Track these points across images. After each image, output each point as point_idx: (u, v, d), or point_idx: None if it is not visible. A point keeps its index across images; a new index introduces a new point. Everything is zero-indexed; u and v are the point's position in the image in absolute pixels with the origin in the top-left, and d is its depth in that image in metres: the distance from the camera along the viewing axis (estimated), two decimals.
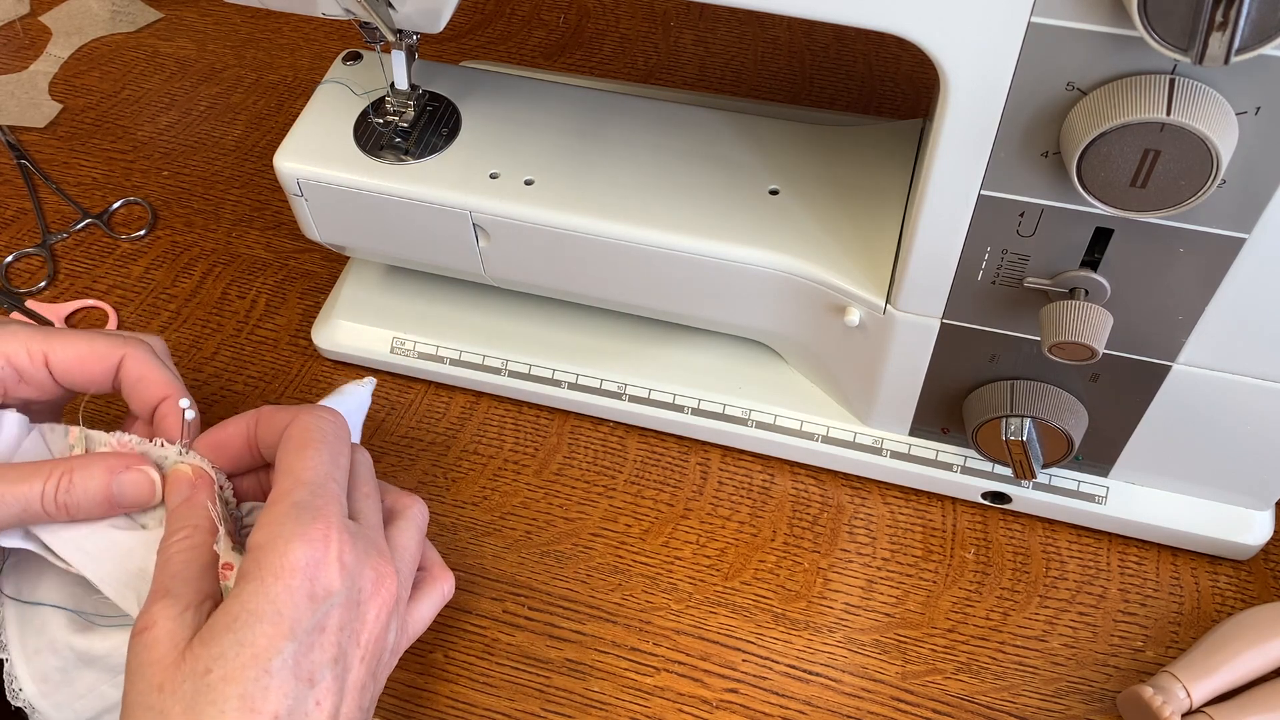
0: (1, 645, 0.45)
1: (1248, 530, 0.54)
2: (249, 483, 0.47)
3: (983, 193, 0.43)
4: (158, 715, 0.36)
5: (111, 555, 0.43)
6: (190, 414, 0.45)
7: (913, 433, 0.56)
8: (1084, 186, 0.39)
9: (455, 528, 0.58)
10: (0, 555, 0.46)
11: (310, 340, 0.64)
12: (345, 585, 0.39)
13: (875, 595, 0.55)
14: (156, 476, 0.43)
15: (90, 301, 0.67)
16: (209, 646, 0.37)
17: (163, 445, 0.44)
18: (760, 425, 0.58)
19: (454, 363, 0.61)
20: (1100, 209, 0.40)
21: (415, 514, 0.47)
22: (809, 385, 0.59)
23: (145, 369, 0.45)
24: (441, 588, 0.48)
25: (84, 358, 0.44)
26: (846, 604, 0.55)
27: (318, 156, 0.55)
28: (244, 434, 0.45)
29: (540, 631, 0.54)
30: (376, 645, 0.41)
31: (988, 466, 0.56)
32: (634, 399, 0.59)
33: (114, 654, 0.44)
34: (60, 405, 0.48)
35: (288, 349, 0.65)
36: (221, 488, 0.45)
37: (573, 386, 0.60)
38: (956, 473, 0.56)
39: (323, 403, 0.49)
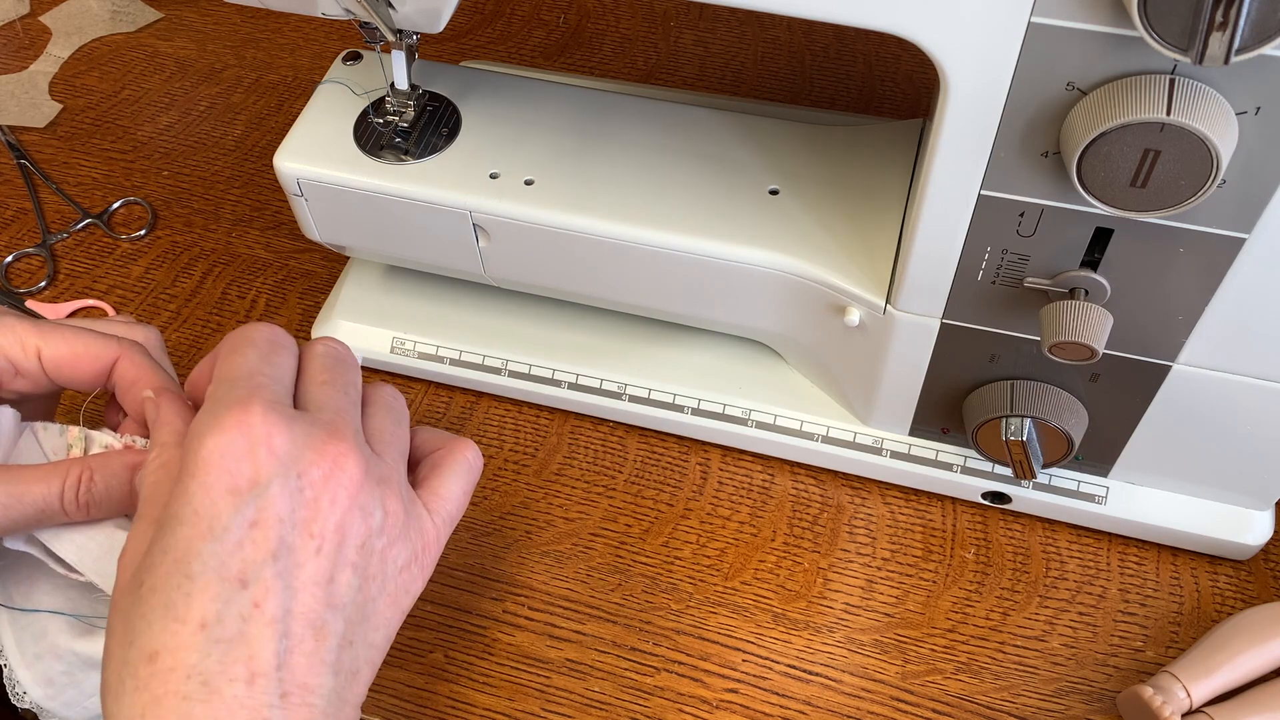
0: None
1: (1248, 530, 0.54)
2: None
3: (983, 193, 0.43)
4: (109, 635, 0.35)
5: (114, 555, 0.43)
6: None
7: (913, 433, 0.56)
8: (1084, 186, 0.39)
9: (455, 528, 0.58)
10: None
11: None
12: (278, 473, 0.35)
13: (875, 595, 0.55)
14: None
15: (90, 301, 0.67)
16: (146, 557, 0.35)
17: None
18: (760, 425, 0.58)
19: (454, 363, 0.61)
20: (1100, 209, 0.40)
21: (389, 400, 0.43)
22: (809, 385, 0.59)
23: (139, 372, 0.44)
24: (465, 456, 0.43)
25: (77, 355, 0.43)
26: (846, 604, 0.55)
27: (318, 156, 0.55)
28: (207, 370, 0.42)
29: (540, 631, 0.54)
30: (339, 534, 0.36)
31: (988, 466, 0.56)
32: (634, 399, 0.59)
33: None
34: (54, 399, 0.48)
35: None
36: None
37: (573, 386, 0.60)
38: (956, 473, 0.56)
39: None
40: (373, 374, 0.64)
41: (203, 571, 0.34)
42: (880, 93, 0.76)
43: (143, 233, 0.71)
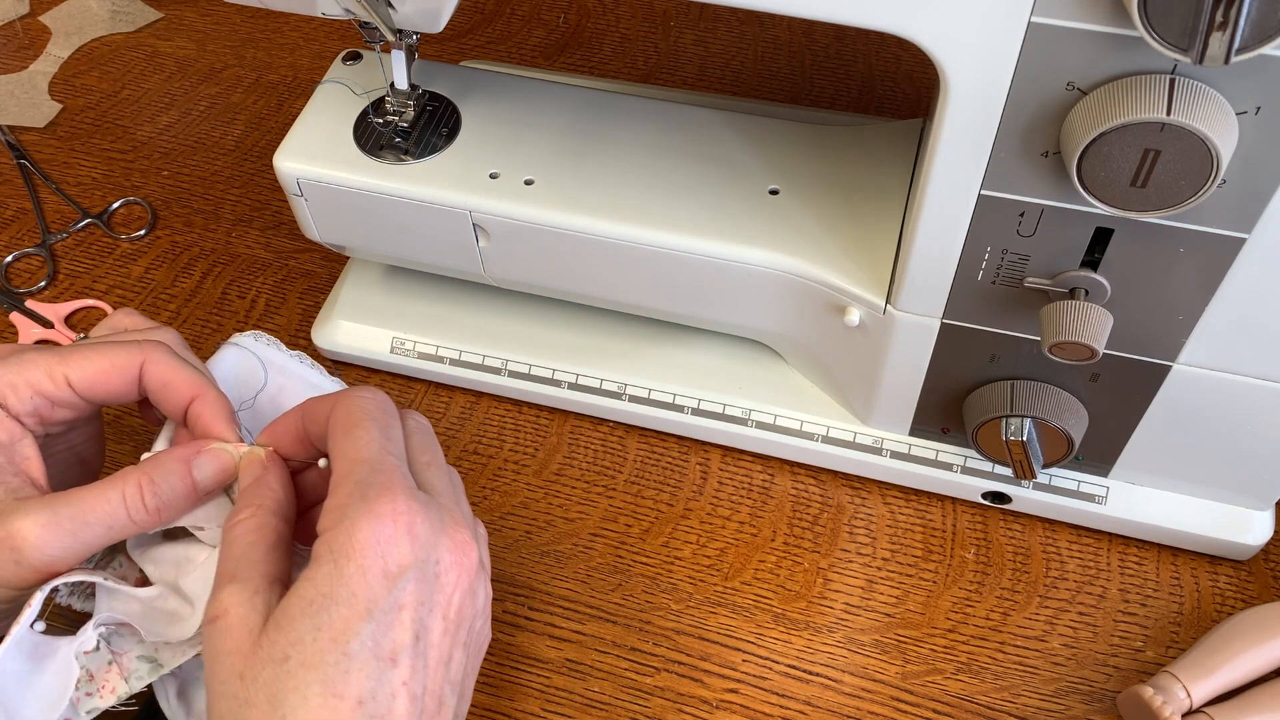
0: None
1: (1248, 530, 0.54)
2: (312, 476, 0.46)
3: (983, 193, 0.43)
4: (242, 704, 0.36)
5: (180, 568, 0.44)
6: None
7: (913, 433, 0.56)
8: (1084, 186, 0.39)
9: None
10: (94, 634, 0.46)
11: (310, 340, 0.64)
12: (419, 558, 0.38)
13: (875, 595, 0.55)
14: (232, 449, 0.43)
15: (90, 301, 0.67)
16: (285, 632, 0.36)
17: (234, 444, 0.44)
18: (760, 425, 0.58)
19: (454, 363, 0.61)
20: (1100, 209, 0.40)
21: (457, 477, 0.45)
22: (809, 385, 0.59)
23: (168, 373, 0.44)
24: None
25: (104, 371, 0.43)
26: (846, 604, 0.55)
27: (318, 156, 0.55)
28: (293, 429, 0.44)
29: (540, 632, 0.54)
30: (459, 616, 0.39)
31: (988, 466, 0.56)
32: (634, 399, 0.59)
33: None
34: (99, 420, 0.48)
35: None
36: None
37: (573, 386, 0.60)
38: (956, 473, 0.56)
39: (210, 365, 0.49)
40: (372, 374, 0.64)
41: (360, 651, 0.36)
42: (880, 93, 0.76)
43: (143, 233, 0.71)
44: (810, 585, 0.55)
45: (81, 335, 0.68)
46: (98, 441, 0.49)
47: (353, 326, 0.63)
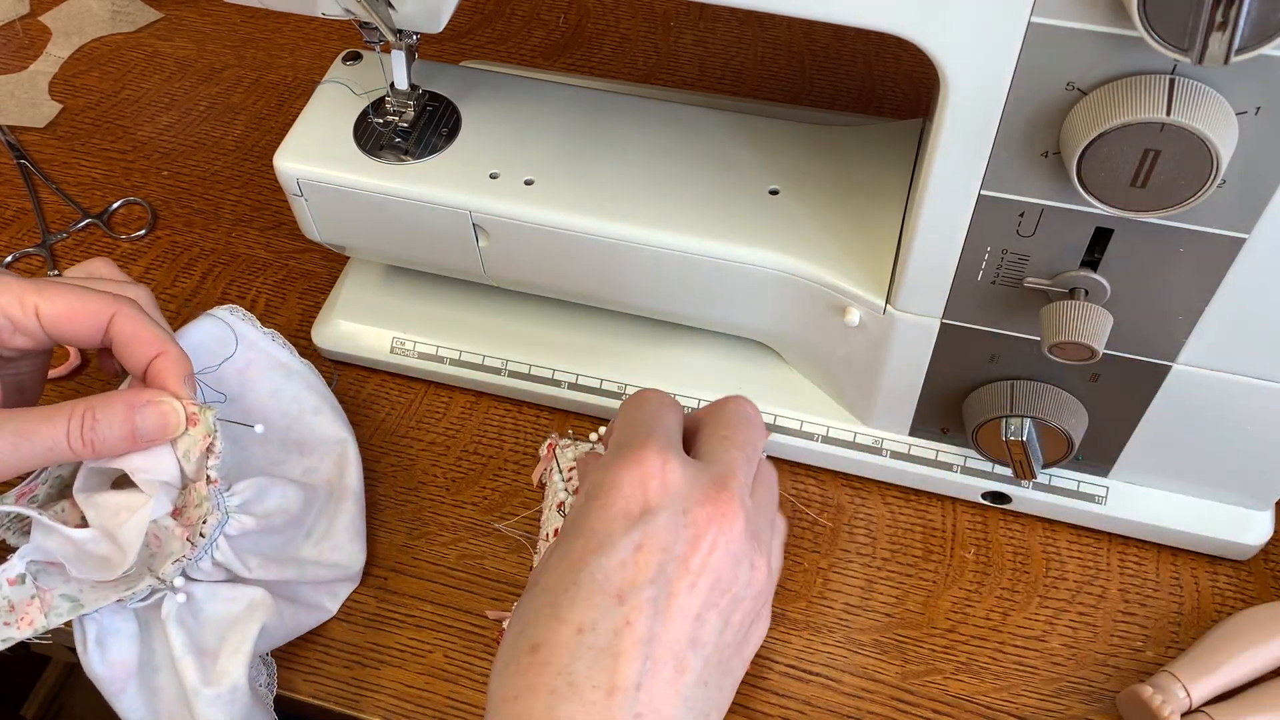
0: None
1: (1248, 530, 0.54)
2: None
3: (983, 193, 0.43)
4: (511, 623, 0.40)
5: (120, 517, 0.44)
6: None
7: (913, 433, 0.56)
8: (1084, 186, 0.39)
9: (455, 527, 0.58)
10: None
11: (310, 340, 0.64)
12: (667, 505, 0.38)
13: (875, 595, 0.55)
14: (179, 407, 0.44)
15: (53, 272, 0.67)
16: (543, 560, 0.40)
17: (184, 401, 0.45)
18: None
19: (454, 363, 0.61)
20: (1100, 209, 0.40)
21: (768, 477, 0.45)
22: (809, 385, 0.59)
23: (137, 327, 0.45)
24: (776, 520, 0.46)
25: (74, 312, 0.45)
26: (846, 604, 0.55)
27: (318, 156, 0.55)
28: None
29: None
30: (712, 576, 0.39)
31: (988, 466, 0.56)
32: None
33: None
34: (48, 357, 0.50)
35: None
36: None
37: (573, 386, 0.60)
38: (956, 473, 0.56)
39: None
40: (372, 374, 0.64)
41: (589, 581, 0.37)
42: (880, 93, 0.76)
43: (143, 233, 0.71)
44: (810, 585, 0.55)
45: (55, 272, 0.68)
46: (41, 374, 0.50)
47: (353, 326, 0.63)
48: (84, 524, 0.45)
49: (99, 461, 0.44)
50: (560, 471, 0.55)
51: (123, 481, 0.46)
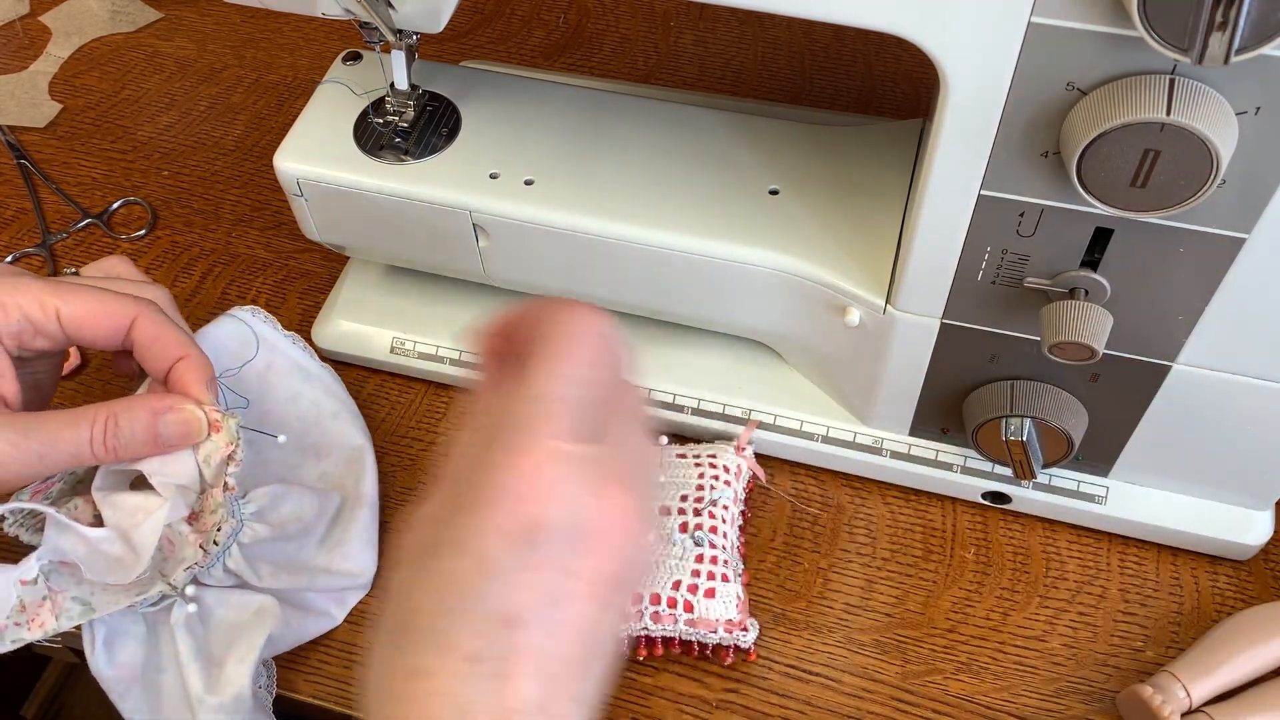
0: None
1: (1248, 530, 0.54)
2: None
3: (983, 193, 0.43)
4: (382, 616, 0.36)
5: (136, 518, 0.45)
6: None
7: (913, 433, 0.56)
8: (1084, 186, 0.39)
9: None
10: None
11: (310, 340, 0.64)
12: (561, 520, 0.35)
13: (875, 595, 0.55)
14: (201, 414, 0.44)
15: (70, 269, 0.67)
16: (418, 577, 0.35)
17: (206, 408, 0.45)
18: (760, 425, 0.58)
19: (454, 363, 0.61)
20: (1100, 209, 0.40)
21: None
22: (809, 385, 0.59)
23: (159, 330, 0.45)
24: None
25: (95, 315, 0.45)
26: (846, 604, 0.55)
27: (318, 156, 0.55)
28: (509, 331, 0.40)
29: None
30: (610, 581, 0.36)
31: (988, 466, 0.56)
32: None
33: None
34: (63, 358, 0.50)
35: None
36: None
37: None
38: (956, 473, 0.56)
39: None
40: (372, 374, 0.64)
41: (474, 607, 0.34)
42: (880, 93, 0.76)
43: (143, 233, 0.71)
44: (810, 585, 0.55)
45: (72, 270, 0.68)
46: (56, 373, 0.50)
47: (353, 326, 0.63)
48: (98, 522, 0.45)
49: (120, 464, 0.45)
50: None
51: (141, 482, 0.46)
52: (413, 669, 0.34)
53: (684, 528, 0.52)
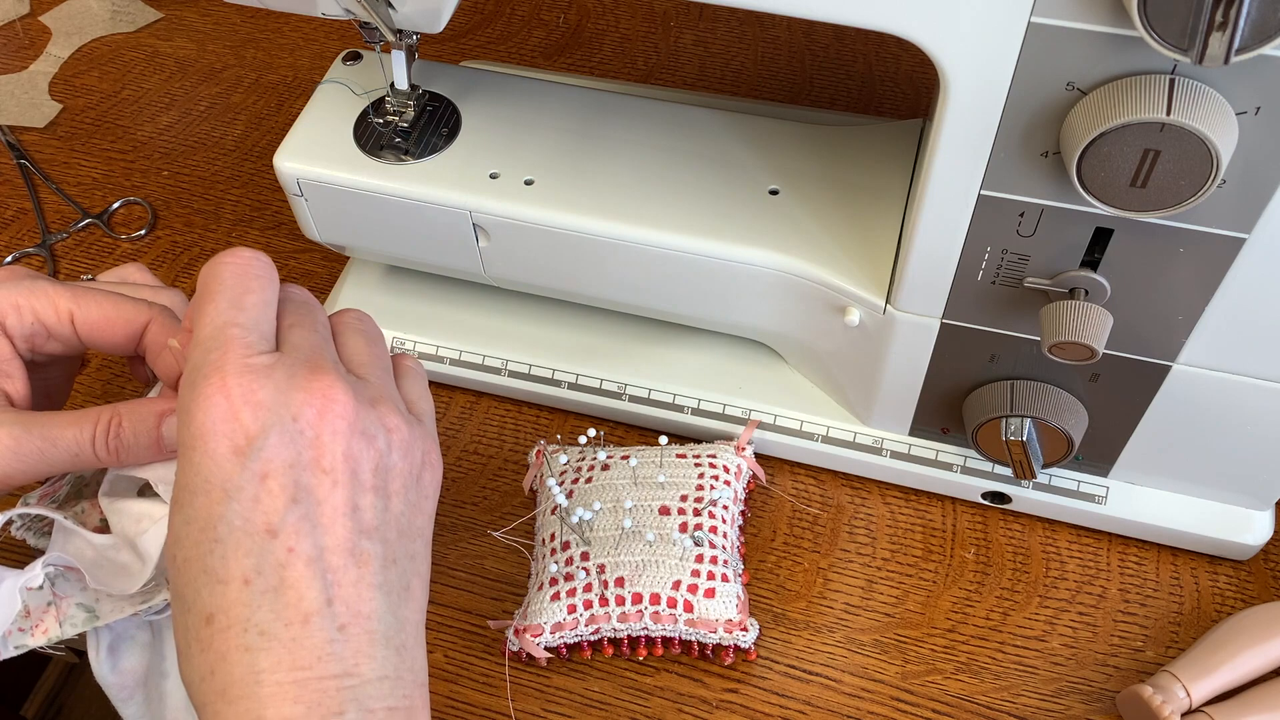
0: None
1: (1248, 530, 0.54)
2: None
3: (983, 193, 0.43)
4: (173, 613, 0.38)
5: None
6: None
7: (913, 433, 0.56)
8: (1084, 186, 0.39)
9: (455, 527, 0.58)
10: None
11: None
12: (272, 422, 0.36)
13: (875, 595, 0.55)
14: None
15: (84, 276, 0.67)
16: (172, 532, 0.37)
17: None
18: (760, 425, 0.58)
19: (454, 363, 0.61)
20: (1100, 209, 0.40)
21: (356, 324, 0.43)
22: (809, 385, 0.59)
23: (171, 335, 0.45)
24: (403, 363, 0.44)
25: (110, 319, 0.44)
26: (846, 604, 0.55)
27: (318, 156, 0.55)
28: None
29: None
30: (348, 463, 0.37)
31: (988, 466, 0.56)
32: (634, 399, 0.59)
33: None
34: (78, 364, 0.50)
35: None
36: None
37: (573, 386, 0.60)
38: (956, 473, 0.56)
39: None
40: None
41: (229, 533, 0.36)
42: (880, 93, 0.76)
43: (143, 233, 0.71)
44: (810, 585, 0.55)
45: (88, 276, 0.68)
46: (69, 380, 0.50)
47: None
48: (104, 527, 0.45)
49: (126, 469, 0.44)
50: (553, 475, 0.55)
51: (148, 489, 0.46)
52: (204, 615, 0.36)
53: (684, 528, 0.52)
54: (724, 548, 0.52)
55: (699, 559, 0.51)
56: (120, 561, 0.44)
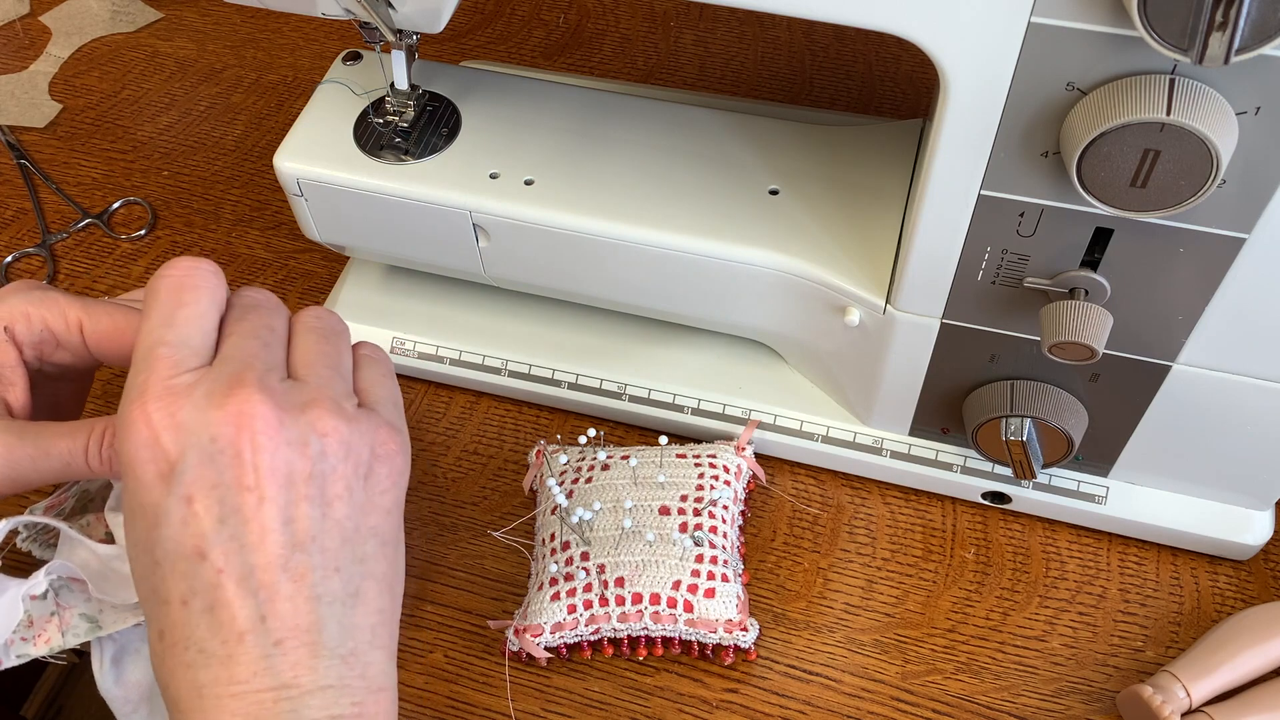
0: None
1: (1248, 530, 0.54)
2: None
3: (983, 193, 0.43)
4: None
5: None
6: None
7: (913, 433, 0.56)
8: (1084, 186, 0.39)
9: (455, 527, 0.58)
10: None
11: None
12: (190, 445, 0.36)
13: (875, 595, 0.55)
14: None
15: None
16: (128, 551, 0.38)
17: None
18: (760, 425, 0.58)
19: (454, 363, 0.61)
20: (1100, 209, 0.40)
21: (312, 322, 0.42)
22: (809, 385, 0.59)
23: None
24: (362, 351, 0.44)
25: (119, 331, 0.44)
26: (846, 604, 0.55)
27: (318, 156, 0.55)
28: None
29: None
30: (274, 477, 0.37)
31: (988, 466, 0.56)
32: (634, 399, 0.59)
33: None
34: (89, 379, 0.49)
35: None
36: None
37: (573, 386, 0.60)
38: (956, 473, 0.56)
39: None
40: None
41: (165, 556, 0.36)
42: (880, 93, 0.76)
43: (143, 233, 0.71)
44: (810, 585, 0.55)
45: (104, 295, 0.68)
46: (79, 399, 0.50)
47: (353, 326, 0.63)
48: (109, 540, 0.45)
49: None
50: (553, 475, 0.55)
51: None
52: (157, 631, 0.37)
53: (684, 528, 0.52)
54: (724, 548, 0.52)
55: (699, 559, 0.51)
56: (124, 572, 0.45)
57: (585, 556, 0.52)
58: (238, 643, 0.36)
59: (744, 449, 0.56)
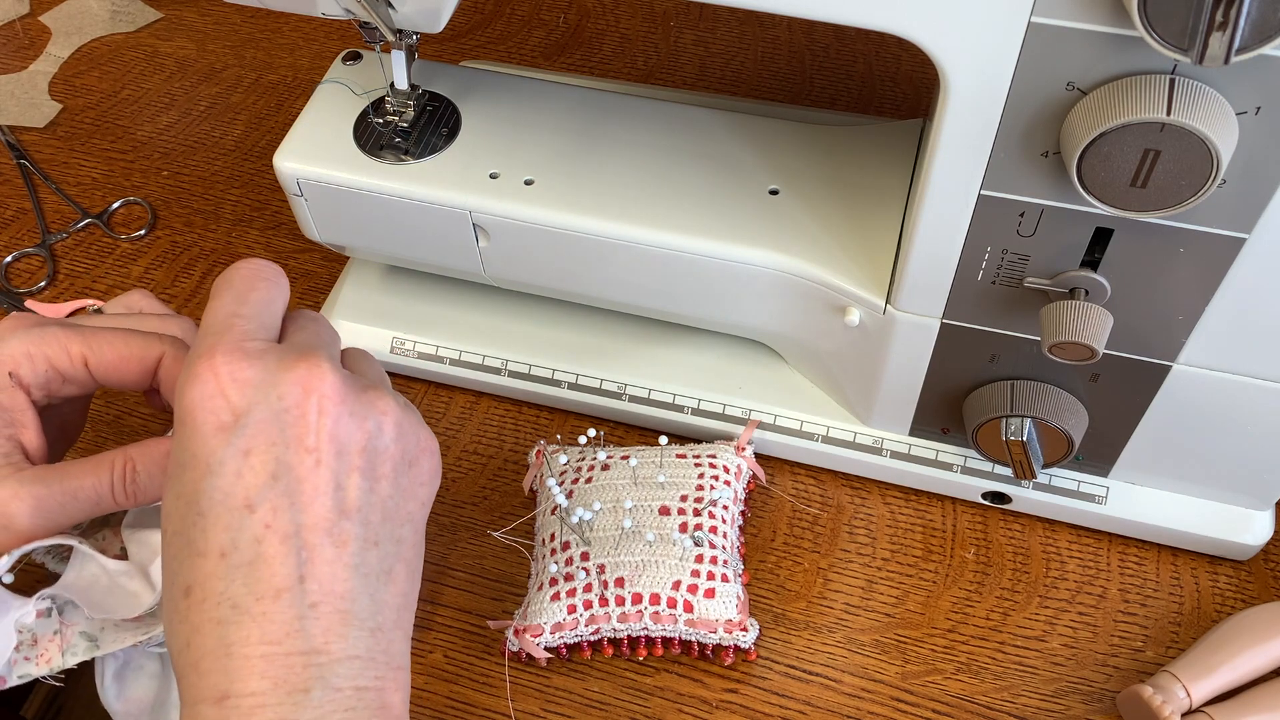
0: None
1: (1248, 530, 0.54)
2: None
3: (983, 193, 0.43)
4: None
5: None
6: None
7: (913, 433, 0.56)
8: (1084, 186, 0.39)
9: (455, 527, 0.58)
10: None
11: None
12: (257, 400, 0.37)
13: (875, 595, 0.55)
14: None
15: (90, 301, 0.67)
16: (164, 507, 0.38)
17: None
18: (760, 425, 0.58)
19: (454, 363, 0.61)
20: (1100, 209, 0.40)
21: (354, 350, 0.44)
22: (809, 385, 0.59)
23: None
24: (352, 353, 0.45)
25: (123, 359, 0.44)
26: (846, 604, 0.55)
27: (318, 156, 0.55)
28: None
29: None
30: (334, 443, 0.37)
31: (988, 466, 0.56)
32: (634, 399, 0.59)
33: None
34: (90, 398, 0.50)
35: None
36: None
37: (573, 386, 0.60)
38: (956, 473, 0.56)
39: None
40: None
41: (211, 507, 0.36)
42: (880, 93, 0.76)
43: (142, 233, 0.71)
44: (810, 585, 0.55)
45: (96, 309, 0.68)
46: (83, 413, 0.50)
47: (353, 326, 0.63)
48: (123, 555, 0.46)
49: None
50: (553, 475, 0.55)
51: None
52: (183, 587, 0.37)
53: (684, 528, 0.52)
54: (724, 548, 0.52)
55: (699, 559, 0.51)
56: (130, 589, 0.44)
57: (585, 556, 0.52)
58: (274, 599, 0.36)
59: (744, 449, 0.56)
